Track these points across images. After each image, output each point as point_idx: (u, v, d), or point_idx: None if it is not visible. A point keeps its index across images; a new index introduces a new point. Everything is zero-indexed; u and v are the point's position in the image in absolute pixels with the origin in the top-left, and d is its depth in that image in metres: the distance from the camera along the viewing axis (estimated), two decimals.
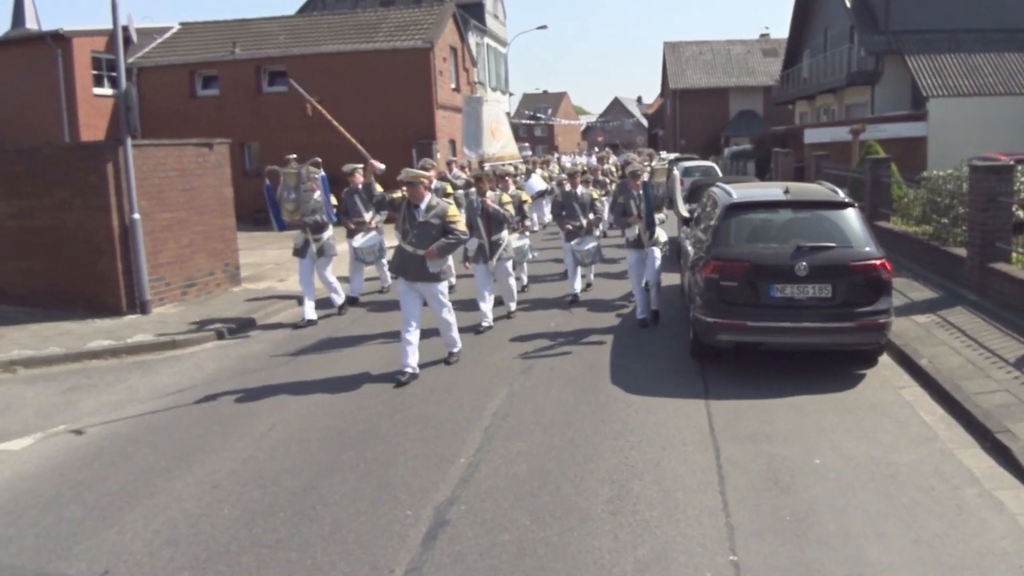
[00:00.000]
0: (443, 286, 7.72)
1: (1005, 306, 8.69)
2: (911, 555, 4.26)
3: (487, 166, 13.10)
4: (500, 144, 17.08)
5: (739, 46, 55.54)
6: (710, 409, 6.54)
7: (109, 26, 23.22)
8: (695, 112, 51.99)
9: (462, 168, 15.85)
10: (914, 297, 9.79)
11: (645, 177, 9.64)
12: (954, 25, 26.37)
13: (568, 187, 11.23)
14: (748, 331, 7.16)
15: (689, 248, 9.07)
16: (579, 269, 11.10)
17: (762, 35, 56.60)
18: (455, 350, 8.06)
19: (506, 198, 9.87)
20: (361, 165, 9.09)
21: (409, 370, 7.44)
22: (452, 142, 26.00)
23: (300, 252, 9.99)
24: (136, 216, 10.03)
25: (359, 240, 10.51)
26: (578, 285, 11.03)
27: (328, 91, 22.58)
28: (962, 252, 10.13)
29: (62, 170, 10.31)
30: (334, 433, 6.25)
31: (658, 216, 9.37)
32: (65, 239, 10.37)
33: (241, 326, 9.86)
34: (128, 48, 24.24)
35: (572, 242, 10.86)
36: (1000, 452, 5.47)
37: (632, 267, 9.53)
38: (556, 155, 40.75)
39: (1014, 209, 9.39)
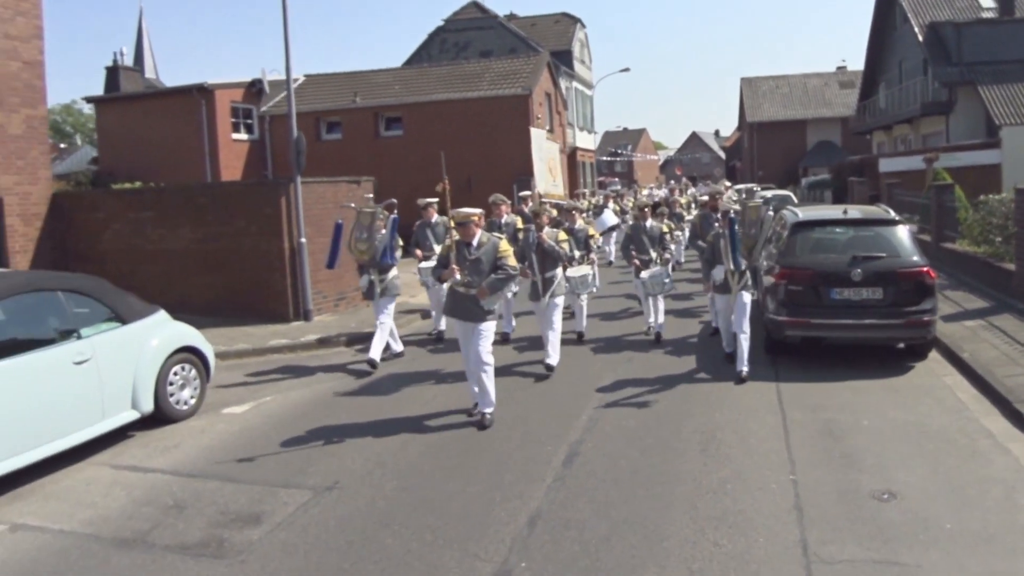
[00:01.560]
0: (490, 325, 7.44)
1: None
2: (928, 478, 5.75)
3: (547, 201, 13.08)
4: (554, 183, 18.53)
5: (815, 79, 55.89)
6: (780, 388, 8.09)
7: (245, 78, 26.57)
8: (772, 144, 52.64)
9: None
10: (967, 307, 11.04)
11: (732, 215, 8.87)
12: None
13: (638, 220, 11.13)
14: (812, 327, 8.68)
15: (763, 263, 10.51)
16: (652, 301, 10.50)
17: (839, 68, 56.70)
18: (488, 411, 7.34)
19: (562, 235, 9.56)
20: (435, 199, 8.87)
21: (488, 410, 7.35)
22: None
23: (368, 294, 9.96)
24: (303, 240, 12.20)
25: (424, 264, 10.68)
26: (658, 318, 10.47)
27: (438, 134, 25.36)
28: (1012, 267, 11.31)
29: (241, 202, 12.63)
30: None
31: (746, 263, 8.56)
32: (242, 259, 12.60)
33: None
34: (261, 98, 27.30)
35: (642, 274, 10.48)
36: (1017, 417, 6.82)
37: (719, 313, 9.29)
38: (635, 188, 42.37)
39: None
